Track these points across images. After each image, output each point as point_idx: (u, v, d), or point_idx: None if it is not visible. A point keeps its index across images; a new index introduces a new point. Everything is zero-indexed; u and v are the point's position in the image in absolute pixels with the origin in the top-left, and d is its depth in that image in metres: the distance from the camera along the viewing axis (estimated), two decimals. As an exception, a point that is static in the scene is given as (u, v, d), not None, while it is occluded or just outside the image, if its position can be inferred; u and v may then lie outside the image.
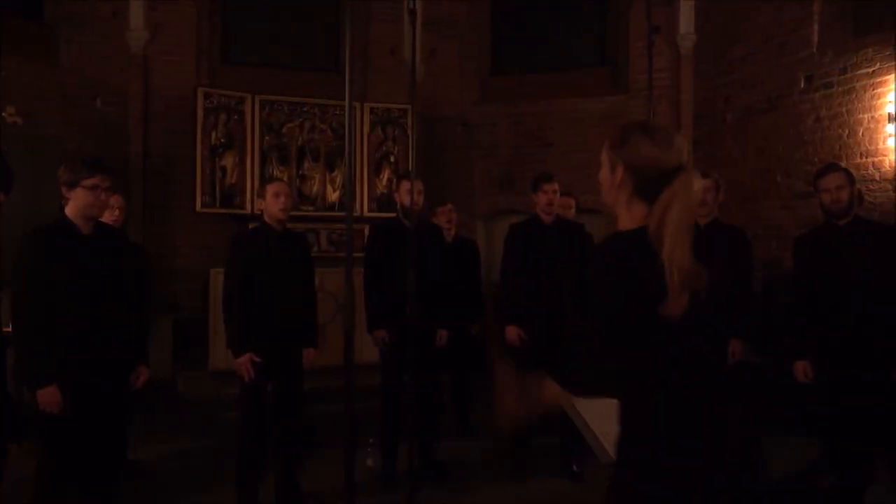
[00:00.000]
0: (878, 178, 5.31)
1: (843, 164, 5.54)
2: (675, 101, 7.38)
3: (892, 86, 5.19)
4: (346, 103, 2.13)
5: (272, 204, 3.72)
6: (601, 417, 1.88)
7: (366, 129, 7.27)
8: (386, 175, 7.34)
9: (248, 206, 6.73)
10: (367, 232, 4.45)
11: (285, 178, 6.65)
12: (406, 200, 4.10)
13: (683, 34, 7.23)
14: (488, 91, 8.28)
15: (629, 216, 1.68)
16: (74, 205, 3.00)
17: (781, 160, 6.22)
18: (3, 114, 5.59)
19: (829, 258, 3.36)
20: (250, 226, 4.69)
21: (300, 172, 7.16)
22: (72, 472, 3.01)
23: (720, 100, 6.98)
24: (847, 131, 5.61)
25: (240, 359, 3.59)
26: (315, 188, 7.22)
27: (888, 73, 5.25)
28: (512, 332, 4.23)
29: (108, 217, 3.61)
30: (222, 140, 6.79)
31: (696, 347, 1.61)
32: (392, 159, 7.41)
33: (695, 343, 1.61)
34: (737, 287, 3.79)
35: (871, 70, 5.41)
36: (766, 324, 5.20)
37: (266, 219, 3.78)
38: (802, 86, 6.04)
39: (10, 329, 3.08)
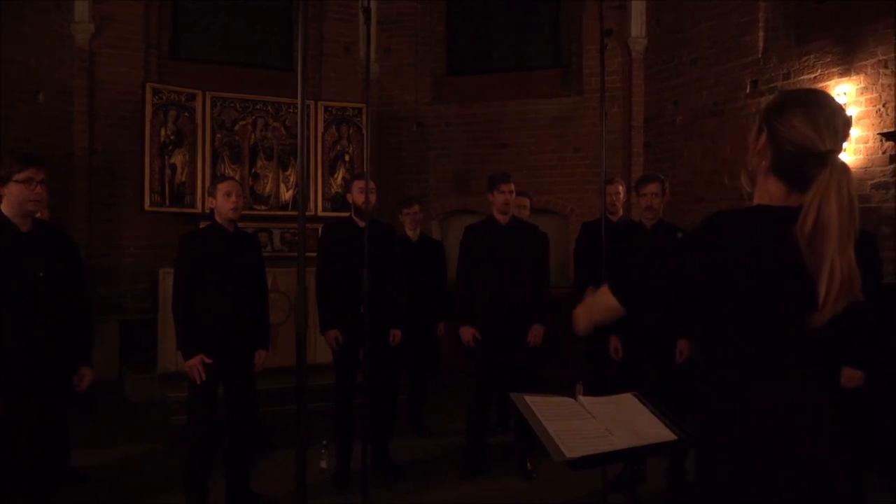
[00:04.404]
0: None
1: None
2: (627, 103, 7.52)
3: (833, 92, 5.37)
4: (299, 101, 2.10)
5: (223, 203, 3.65)
6: (556, 417, 1.90)
7: (320, 127, 7.20)
8: (340, 174, 7.29)
9: (199, 204, 6.60)
10: (320, 232, 4.40)
11: (237, 177, 6.54)
12: (359, 200, 4.07)
13: (635, 37, 7.37)
14: (443, 91, 8.30)
15: (764, 190, 1.55)
16: (9, 201, 2.91)
17: (728, 162, 6.39)
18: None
19: None
20: (201, 225, 4.61)
21: (253, 171, 7.06)
22: (4, 478, 2.90)
23: (670, 102, 7.13)
24: (790, 135, 5.78)
25: (190, 360, 3.52)
26: (268, 187, 7.13)
27: (828, 79, 5.44)
28: (467, 333, 4.24)
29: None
30: (172, 137, 6.65)
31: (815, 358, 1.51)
32: (347, 158, 7.36)
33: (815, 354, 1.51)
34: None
35: (812, 76, 5.60)
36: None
37: (217, 218, 3.71)
38: (748, 90, 6.21)
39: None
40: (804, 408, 1.49)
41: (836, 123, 1.47)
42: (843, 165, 1.43)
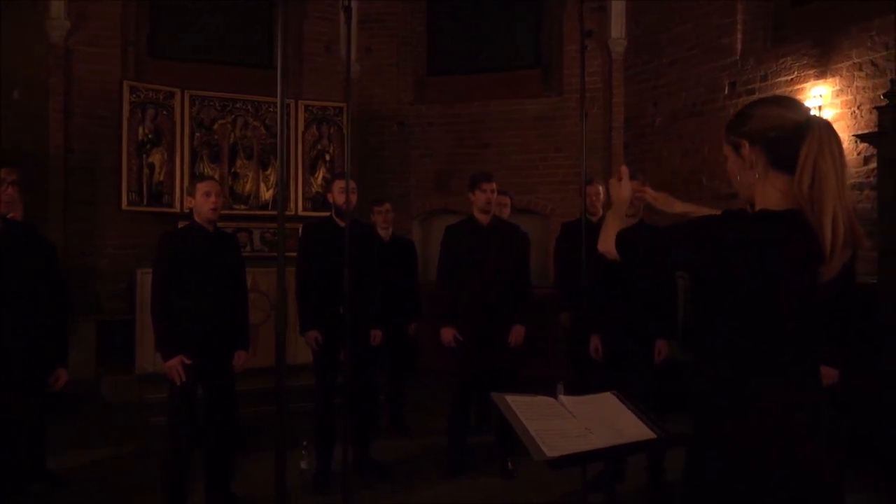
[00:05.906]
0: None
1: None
2: (607, 104, 7.56)
3: (809, 93, 5.45)
4: (279, 100, 2.09)
5: (203, 203, 3.62)
6: (536, 416, 1.91)
7: (300, 127, 7.16)
8: (321, 174, 7.26)
9: (178, 204, 6.53)
10: (300, 232, 4.38)
11: (217, 176, 6.48)
12: (339, 200, 4.06)
13: (615, 39, 7.42)
14: (425, 91, 8.29)
15: (771, 189, 1.53)
16: None
17: (707, 162, 6.45)
18: None
19: None
20: (180, 224, 4.57)
21: (232, 170, 7.01)
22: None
23: (649, 103, 7.18)
24: (768, 136, 5.85)
25: (170, 361, 3.48)
26: (248, 187, 7.08)
27: (805, 80, 5.52)
28: (448, 334, 4.24)
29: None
30: (150, 136, 6.58)
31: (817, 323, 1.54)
32: (327, 158, 7.33)
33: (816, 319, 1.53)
34: (664, 287, 3.91)
35: (789, 78, 5.67)
36: (691, 322, 5.37)
37: (196, 218, 3.68)
38: (727, 91, 6.28)
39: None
40: (802, 406, 1.49)
41: (797, 101, 1.58)
42: (827, 123, 1.48)
